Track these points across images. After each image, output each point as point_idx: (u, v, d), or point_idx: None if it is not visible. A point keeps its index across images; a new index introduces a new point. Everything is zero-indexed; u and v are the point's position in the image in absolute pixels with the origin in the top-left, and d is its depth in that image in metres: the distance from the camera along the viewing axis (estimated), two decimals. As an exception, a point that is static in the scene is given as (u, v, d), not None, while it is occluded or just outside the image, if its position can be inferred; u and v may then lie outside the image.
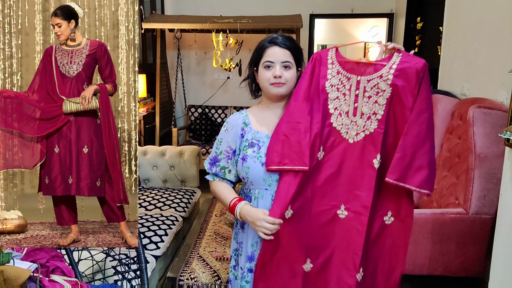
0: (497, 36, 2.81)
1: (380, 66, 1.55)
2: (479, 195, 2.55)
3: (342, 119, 1.60)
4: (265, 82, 1.63)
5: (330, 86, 1.60)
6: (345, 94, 1.59)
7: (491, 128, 2.54)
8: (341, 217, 1.61)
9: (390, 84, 1.54)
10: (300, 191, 1.57)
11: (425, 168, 1.53)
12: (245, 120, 1.69)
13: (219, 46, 4.94)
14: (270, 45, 1.63)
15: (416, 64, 1.52)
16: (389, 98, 1.55)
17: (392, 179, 1.53)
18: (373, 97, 1.56)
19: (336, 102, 1.60)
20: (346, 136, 1.60)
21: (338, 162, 1.60)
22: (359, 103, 1.58)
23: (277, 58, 1.60)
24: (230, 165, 1.69)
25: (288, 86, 1.63)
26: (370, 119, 1.57)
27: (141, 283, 2.09)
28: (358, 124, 1.58)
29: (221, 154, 1.70)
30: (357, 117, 1.58)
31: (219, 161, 1.70)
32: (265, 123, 1.68)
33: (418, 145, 1.52)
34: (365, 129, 1.58)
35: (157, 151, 3.95)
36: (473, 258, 2.63)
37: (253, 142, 1.65)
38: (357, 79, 1.57)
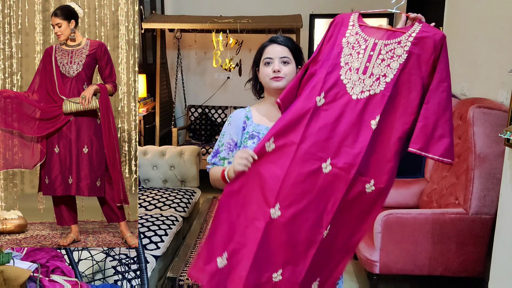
0: (497, 36, 2.81)
1: (400, 33, 1.59)
2: (479, 195, 2.55)
3: (350, 74, 1.60)
4: (265, 78, 1.69)
5: (347, 43, 1.63)
6: (359, 52, 1.61)
7: (491, 128, 2.54)
8: (324, 171, 1.56)
9: (407, 51, 1.56)
10: (289, 129, 1.56)
11: (447, 136, 1.53)
12: (247, 114, 1.75)
13: (219, 46, 4.94)
14: (269, 44, 1.71)
15: (435, 35, 1.55)
16: (402, 64, 1.56)
17: (416, 148, 1.52)
18: (387, 60, 1.58)
19: (348, 58, 1.61)
20: (350, 91, 1.59)
21: (336, 114, 1.57)
22: (371, 63, 1.59)
23: (275, 54, 1.67)
24: (231, 157, 1.73)
25: (287, 80, 1.67)
26: (378, 80, 1.57)
27: (141, 283, 2.09)
28: (365, 82, 1.58)
29: (223, 146, 1.75)
30: (366, 75, 1.58)
31: (220, 152, 1.75)
32: (266, 116, 1.73)
33: (440, 114, 1.52)
34: (371, 89, 1.57)
35: (157, 151, 3.95)
36: (473, 258, 2.63)
37: (253, 134, 1.71)
38: (375, 41, 1.60)
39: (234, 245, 1.56)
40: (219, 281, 1.56)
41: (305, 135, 1.56)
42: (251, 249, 1.53)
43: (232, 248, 1.56)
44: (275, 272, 1.57)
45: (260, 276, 1.55)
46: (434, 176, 3.03)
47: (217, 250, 1.57)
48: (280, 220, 1.54)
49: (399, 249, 2.63)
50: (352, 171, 1.54)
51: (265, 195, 1.54)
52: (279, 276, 1.57)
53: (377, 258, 2.63)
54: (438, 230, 2.60)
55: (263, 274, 1.56)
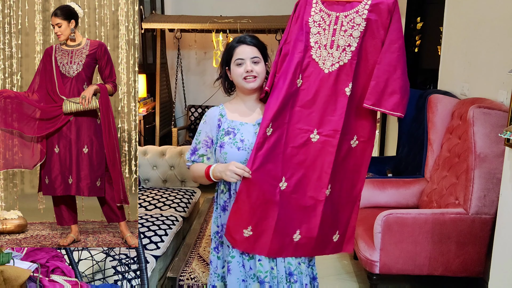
0: (497, 36, 2.81)
1: (357, 3, 1.74)
2: (479, 195, 2.55)
3: (320, 52, 1.77)
4: (238, 78, 1.78)
5: (313, 22, 1.78)
6: (325, 29, 1.77)
7: (491, 128, 2.54)
8: (313, 141, 1.79)
9: (364, 19, 1.73)
10: (280, 113, 1.74)
11: (397, 92, 1.72)
12: (221, 112, 1.85)
13: (219, 46, 4.94)
14: (238, 45, 1.79)
15: (388, 0, 1.72)
16: (363, 32, 1.74)
17: (369, 104, 1.73)
18: (349, 30, 1.75)
19: (316, 37, 1.78)
20: (322, 67, 1.77)
21: (314, 90, 1.77)
22: (336, 36, 1.76)
23: (246, 55, 1.76)
24: (209, 153, 1.85)
25: (260, 79, 1.78)
26: (345, 51, 1.75)
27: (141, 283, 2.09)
28: (334, 55, 1.76)
29: (200, 143, 1.85)
30: (334, 49, 1.76)
31: (198, 150, 1.85)
32: (239, 113, 1.84)
33: (390, 72, 1.71)
34: (339, 60, 1.76)
35: (157, 151, 3.95)
36: (473, 258, 2.63)
37: (229, 130, 1.80)
38: (336, 15, 1.76)
39: (256, 219, 1.75)
40: (246, 247, 1.78)
41: (291, 114, 1.77)
42: (271, 221, 1.76)
43: (255, 222, 1.75)
44: (294, 234, 1.80)
45: (283, 239, 1.79)
46: (434, 176, 3.03)
47: (242, 224, 1.76)
48: (287, 190, 1.78)
49: (399, 249, 2.63)
50: (337, 135, 1.76)
51: (273, 173, 1.75)
52: (298, 236, 1.81)
53: (377, 258, 2.63)
54: (438, 230, 2.60)
55: (285, 238, 1.79)
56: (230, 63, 1.81)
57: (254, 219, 1.76)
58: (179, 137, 5.77)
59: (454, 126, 2.93)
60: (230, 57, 1.80)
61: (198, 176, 1.84)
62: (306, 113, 1.78)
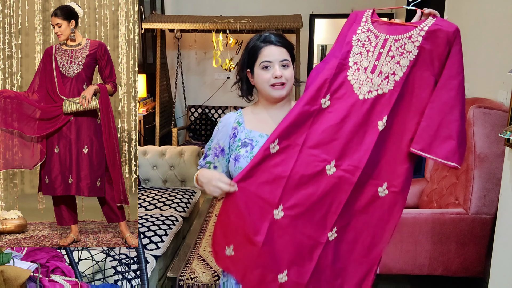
0: (497, 36, 2.81)
1: (412, 27, 1.50)
2: (479, 195, 2.55)
3: (358, 74, 1.53)
4: (264, 84, 1.56)
5: (357, 41, 1.56)
6: (369, 50, 1.54)
7: (491, 128, 2.54)
8: (328, 173, 1.51)
9: (417, 46, 1.47)
10: (293, 130, 1.52)
11: (453, 138, 1.44)
12: (238, 119, 1.64)
13: (219, 46, 4.94)
14: (265, 45, 1.56)
15: (449, 28, 1.45)
16: (413, 61, 1.48)
17: (417, 149, 1.46)
18: (397, 57, 1.50)
19: (357, 57, 1.55)
20: (357, 91, 1.53)
21: (342, 115, 1.52)
22: (380, 61, 1.52)
23: (275, 58, 1.54)
24: (216, 162, 1.65)
25: (288, 86, 1.57)
26: (387, 78, 1.51)
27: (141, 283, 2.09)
28: (373, 82, 1.52)
29: (210, 150, 1.67)
30: (375, 74, 1.52)
31: (207, 156, 1.67)
32: (260, 123, 1.62)
33: (446, 114, 1.44)
34: (379, 88, 1.51)
35: (157, 151, 3.95)
36: (473, 258, 2.63)
37: (246, 142, 1.59)
38: (385, 37, 1.53)
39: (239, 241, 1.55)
40: (226, 266, 1.62)
41: (309, 137, 1.52)
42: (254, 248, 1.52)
43: (237, 243, 1.56)
44: (281, 273, 1.54)
45: (265, 275, 1.54)
46: (434, 176, 3.03)
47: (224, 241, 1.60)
48: (283, 221, 1.52)
49: (399, 249, 2.63)
50: (357, 173, 1.49)
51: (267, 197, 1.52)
52: (285, 277, 1.54)
53: (377, 258, 2.63)
54: (438, 230, 2.60)
55: (268, 274, 1.54)
56: (253, 65, 1.57)
57: (237, 239, 1.56)
58: (179, 137, 5.77)
59: (454, 126, 2.92)
60: (254, 59, 1.56)
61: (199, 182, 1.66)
62: (327, 139, 1.52)
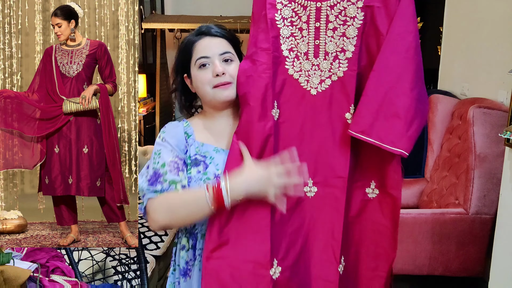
0: (497, 36, 2.81)
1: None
2: (479, 195, 2.55)
3: (300, 64, 1.20)
4: (204, 87, 1.22)
5: (282, 20, 1.19)
6: (302, 29, 1.19)
7: (491, 128, 2.54)
8: (310, 196, 1.22)
9: (361, 7, 1.16)
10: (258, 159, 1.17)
11: (400, 116, 1.12)
12: (186, 130, 1.28)
13: (219, 46, 4.93)
14: (199, 37, 1.24)
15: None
16: (361, 28, 1.17)
17: (356, 131, 1.14)
18: (340, 28, 1.18)
19: (291, 42, 1.20)
20: (306, 86, 1.21)
21: (299, 121, 1.21)
22: (321, 39, 1.19)
23: (213, 51, 1.21)
24: (183, 179, 1.22)
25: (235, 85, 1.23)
26: (337, 59, 1.19)
27: (141, 283, 2.09)
28: (322, 68, 1.20)
29: (165, 166, 1.21)
30: (320, 58, 1.20)
31: (163, 175, 1.20)
32: (212, 134, 1.28)
33: (391, 84, 1.13)
34: (331, 74, 1.20)
35: (157, 151, 3.94)
36: (473, 258, 2.63)
37: (197, 159, 1.23)
38: (317, 5, 1.18)
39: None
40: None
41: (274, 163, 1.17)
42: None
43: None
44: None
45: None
46: (434, 176, 3.03)
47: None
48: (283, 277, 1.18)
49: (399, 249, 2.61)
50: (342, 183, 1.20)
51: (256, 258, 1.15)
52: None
53: (377, 258, 2.63)
54: (438, 230, 2.60)
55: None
56: (189, 66, 1.25)
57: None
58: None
59: (454, 126, 2.92)
60: (188, 58, 1.24)
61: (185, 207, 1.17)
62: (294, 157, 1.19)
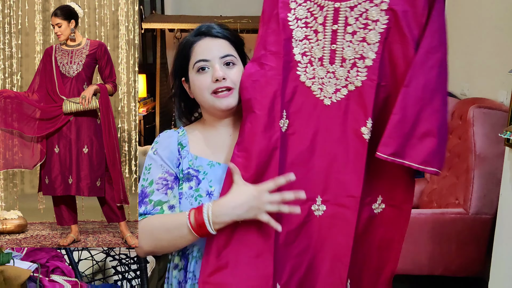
0: (497, 36, 2.81)
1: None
2: (479, 195, 2.55)
3: (313, 70, 1.10)
4: (203, 92, 1.13)
5: (295, 20, 1.09)
6: (317, 31, 1.09)
7: (491, 128, 2.54)
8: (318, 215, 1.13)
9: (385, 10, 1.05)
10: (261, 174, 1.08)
11: (434, 135, 1.04)
12: (181, 140, 1.19)
13: (219, 46, 4.94)
14: (198, 38, 1.15)
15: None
16: (384, 32, 1.06)
17: (387, 154, 1.04)
18: (360, 32, 1.07)
19: (304, 45, 1.10)
20: (319, 95, 1.11)
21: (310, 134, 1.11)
22: (338, 43, 1.09)
23: (213, 54, 1.13)
24: (172, 198, 1.13)
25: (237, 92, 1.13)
26: (356, 66, 1.09)
27: (141, 283, 2.09)
28: (337, 75, 1.10)
29: (152, 184, 1.14)
30: (337, 65, 1.10)
31: (150, 195, 1.13)
32: (208, 146, 1.19)
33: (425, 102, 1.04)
34: (348, 83, 1.10)
35: (157, 151, 3.94)
36: (473, 258, 2.63)
37: (189, 173, 1.14)
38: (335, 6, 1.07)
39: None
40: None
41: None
42: None
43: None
44: None
45: None
46: (434, 176, 3.03)
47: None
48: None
49: (399, 249, 2.63)
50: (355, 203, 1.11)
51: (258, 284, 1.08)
52: None
53: (377, 258, 2.63)
54: (438, 230, 2.60)
55: None
56: (187, 70, 1.16)
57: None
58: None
59: (454, 126, 2.93)
60: (186, 61, 1.16)
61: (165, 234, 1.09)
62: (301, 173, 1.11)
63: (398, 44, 1.06)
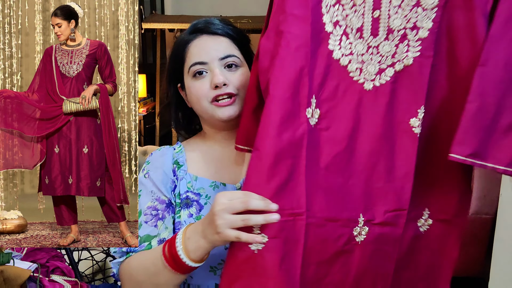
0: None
1: None
2: (479, 195, 2.55)
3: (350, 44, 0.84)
4: (201, 101, 0.94)
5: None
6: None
7: (491, 128, 2.54)
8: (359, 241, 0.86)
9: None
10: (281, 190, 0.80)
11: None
12: (177, 158, 1.00)
13: (219, 46, 4.94)
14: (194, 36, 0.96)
15: None
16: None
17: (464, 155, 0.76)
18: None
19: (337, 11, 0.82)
20: (358, 76, 0.84)
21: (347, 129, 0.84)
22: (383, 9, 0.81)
23: (211, 55, 0.93)
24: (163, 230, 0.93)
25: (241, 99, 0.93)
26: (406, 39, 0.82)
27: (141, 283, 2.10)
28: (382, 51, 0.83)
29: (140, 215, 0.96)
30: (380, 37, 0.83)
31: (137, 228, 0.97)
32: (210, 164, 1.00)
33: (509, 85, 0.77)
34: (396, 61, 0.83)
35: (157, 151, 3.94)
36: (473, 258, 2.63)
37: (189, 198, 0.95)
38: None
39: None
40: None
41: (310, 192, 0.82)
42: None
43: None
44: None
45: None
46: (434, 176, 3.04)
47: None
48: None
49: (399, 249, 2.63)
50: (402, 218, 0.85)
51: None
52: None
53: (377, 258, 2.63)
54: (438, 230, 2.60)
55: None
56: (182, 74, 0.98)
57: None
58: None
59: (454, 126, 2.93)
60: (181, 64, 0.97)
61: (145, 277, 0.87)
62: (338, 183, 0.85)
63: (462, 11, 0.79)
